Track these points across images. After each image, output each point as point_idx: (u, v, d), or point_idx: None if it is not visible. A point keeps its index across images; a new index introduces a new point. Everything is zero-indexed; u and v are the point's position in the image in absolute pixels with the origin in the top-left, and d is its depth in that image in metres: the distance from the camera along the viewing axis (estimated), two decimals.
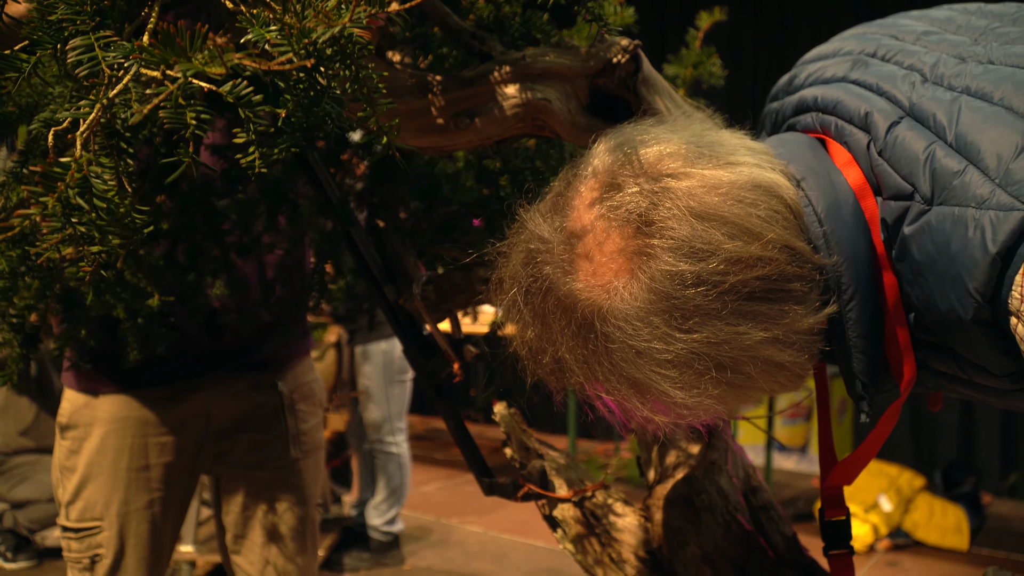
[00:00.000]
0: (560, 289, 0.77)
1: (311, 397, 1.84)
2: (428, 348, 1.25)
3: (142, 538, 1.65)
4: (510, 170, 1.23)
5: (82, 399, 1.66)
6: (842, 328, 0.79)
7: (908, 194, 0.76)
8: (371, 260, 1.27)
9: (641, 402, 0.77)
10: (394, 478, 4.09)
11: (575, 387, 0.82)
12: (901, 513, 4.48)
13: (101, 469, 1.63)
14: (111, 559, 1.63)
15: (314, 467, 1.84)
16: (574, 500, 1.14)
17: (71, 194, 0.61)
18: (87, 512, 1.64)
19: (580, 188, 0.80)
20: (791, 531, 1.12)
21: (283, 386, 1.76)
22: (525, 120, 0.99)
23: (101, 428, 1.64)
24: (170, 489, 1.68)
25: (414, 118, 0.99)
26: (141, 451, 1.65)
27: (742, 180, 0.75)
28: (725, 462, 1.13)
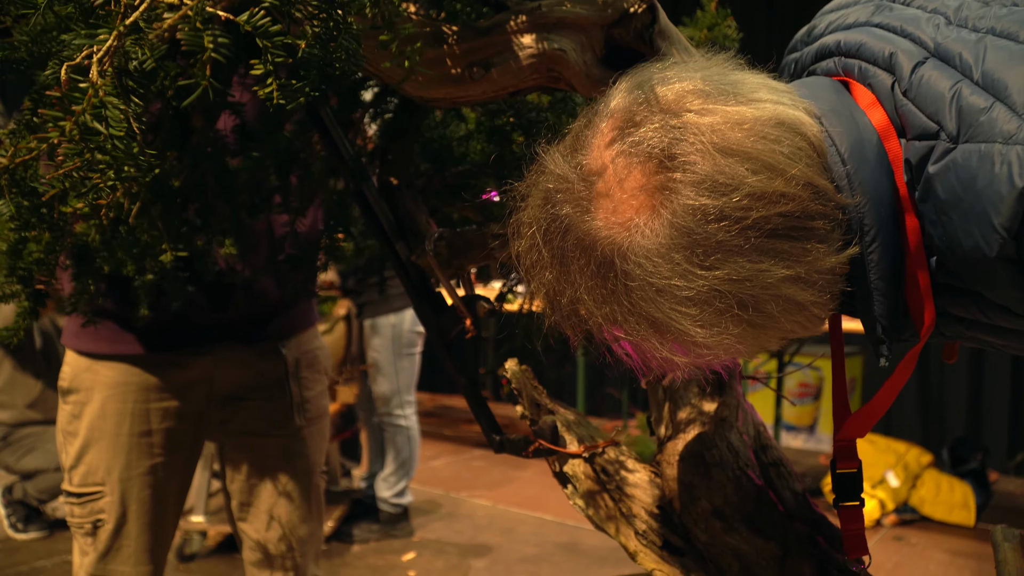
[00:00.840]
0: (579, 228, 0.76)
1: (315, 365, 1.84)
2: (440, 306, 1.25)
3: (144, 503, 1.64)
4: (522, 125, 1.23)
5: (84, 362, 1.65)
6: (863, 270, 0.79)
7: (933, 133, 0.75)
8: (383, 217, 1.27)
9: (660, 342, 0.77)
10: (403, 451, 4.11)
11: (593, 330, 0.81)
12: (908, 489, 4.48)
13: (103, 434, 1.63)
14: (113, 524, 1.63)
15: (319, 435, 1.84)
16: (585, 456, 1.15)
17: (87, 118, 0.60)
18: (89, 477, 1.63)
19: (600, 126, 0.79)
20: (800, 487, 1.12)
21: (287, 353, 1.76)
22: (540, 71, 0.99)
23: (102, 392, 1.63)
24: (173, 455, 1.68)
25: (429, 68, 0.98)
26: (143, 416, 1.64)
27: (765, 116, 0.74)
28: (736, 419, 1.13)
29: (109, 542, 1.62)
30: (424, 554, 3.89)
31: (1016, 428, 5.91)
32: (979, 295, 0.79)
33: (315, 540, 1.85)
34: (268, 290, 1.69)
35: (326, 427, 1.88)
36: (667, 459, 1.12)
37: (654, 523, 1.10)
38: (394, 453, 4.15)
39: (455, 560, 3.83)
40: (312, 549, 1.84)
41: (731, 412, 1.13)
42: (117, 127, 0.64)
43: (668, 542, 1.09)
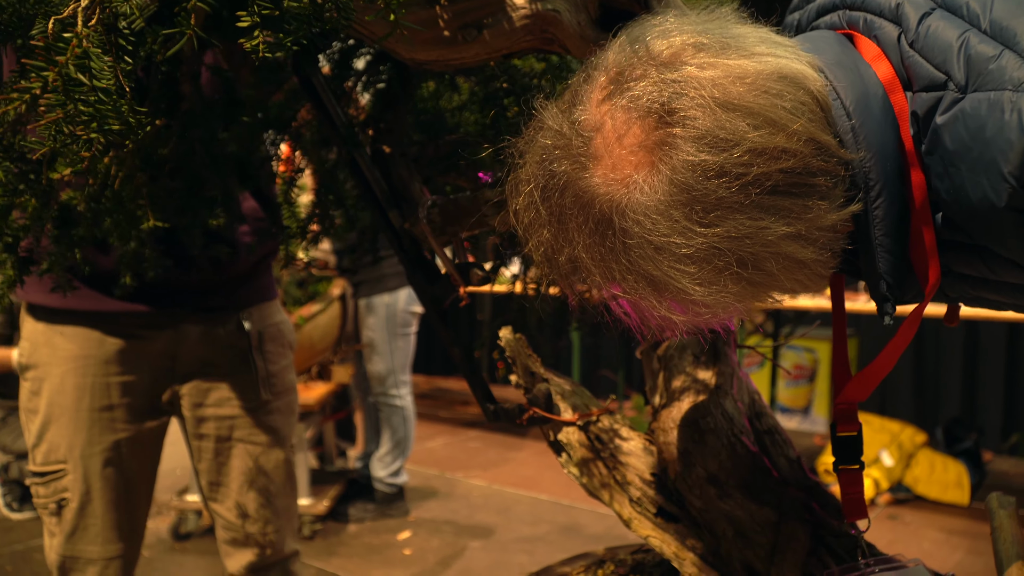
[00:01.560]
0: (577, 185, 0.75)
1: (280, 338, 1.81)
2: (433, 274, 1.24)
3: (109, 480, 1.61)
4: (516, 92, 1.21)
5: (42, 336, 1.61)
6: (867, 227, 0.78)
7: (941, 83, 0.74)
8: (376, 185, 1.25)
9: (658, 301, 0.76)
10: (399, 430, 4.11)
11: (591, 288, 0.81)
12: (902, 468, 4.50)
13: (63, 410, 1.59)
14: (77, 502, 1.59)
15: (286, 409, 1.81)
16: (579, 424, 1.14)
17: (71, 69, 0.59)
18: (51, 455, 1.60)
19: (598, 80, 0.77)
20: (795, 454, 1.12)
21: (250, 326, 1.73)
22: (534, 32, 0.97)
23: (61, 367, 1.59)
24: (136, 430, 1.64)
25: (421, 30, 0.97)
26: (103, 390, 1.60)
27: (768, 71, 0.73)
28: (730, 387, 1.13)
29: (75, 521, 1.59)
30: (420, 533, 3.89)
31: (1010, 409, 5.93)
32: (986, 250, 0.78)
33: (290, 515, 1.83)
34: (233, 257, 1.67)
35: (294, 401, 1.85)
36: (662, 427, 1.11)
37: (648, 490, 1.10)
38: (389, 433, 4.15)
39: (450, 539, 3.84)
40: (287, 524, 1.82)
41: (726, 380, 1.12)
42: (102, 79, 0.63)
43: (662, 509, 1.08)
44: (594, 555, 1.34)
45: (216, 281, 1.68)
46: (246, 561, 1.76)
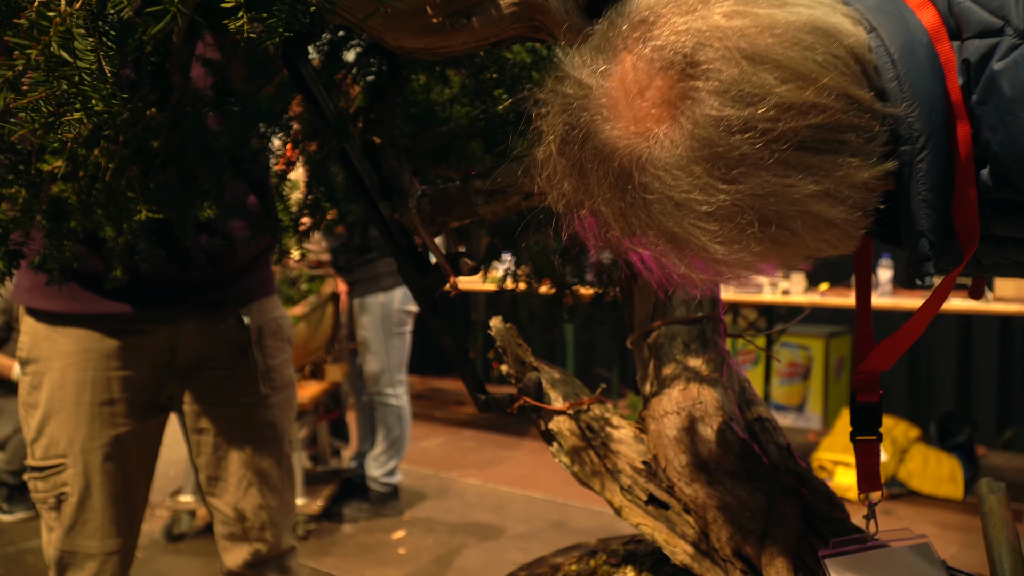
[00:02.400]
0: (598, 137, 0.73)
1: (279, 333, 1.81)
2: (424, 265, 1.24)
3: (109, 475, 1.61)
4: (505, 82, 1.21)
5: (42, 331, 1.62)
6: (909, 181, 0.74)
7: (997, 29, 0.71)
8: (366, 176, 1.25)
9: (679, 258, 0.74)
10: (393, 430, 4.11)
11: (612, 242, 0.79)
12: (896, 463, 4.51)
13: (63, 404, 1.59)
14: (77, 497, 1.59)
15: (285, 404, 1.81)
16: (570, 413, 1.14)
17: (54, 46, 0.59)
18: (51, 449, 1.60)
19: (622, 29, 0.74)
20: (785, 441, 1.12)
21: (249, 321, 1.73)
22: (521, 20, 0.98)
23: (61, 361, 1.59)
24: (136, 425, 1.64)
25: (409, 18, 0.97)
26: (104, 385, 1.60)
27: (800, 22, 0.70)
28: (720, 374, 1.13)
29: (74, 516, 1.59)
30: (414, 532, 3.89)
31: (1004, 404, 5.95)
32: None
33: (287, 510, 1.83)
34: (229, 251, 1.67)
35: (293, 396, 1.85)
36: (652, 414, 1.11)
37: (639, 478, 1.10)
38: (384, 432, 4.15)
39: (445, 538, 3.83)
40: (285, 519, 1.82)
41: (715, 367, 1.13)
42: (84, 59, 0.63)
43: (653, 496, 1.09)
44: (586, 546, 1.34)
45: (214, 276, 1.68)
46: (243, 557, 1.76)
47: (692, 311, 1.17)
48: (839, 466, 4.38)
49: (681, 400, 1.09)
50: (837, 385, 6.62)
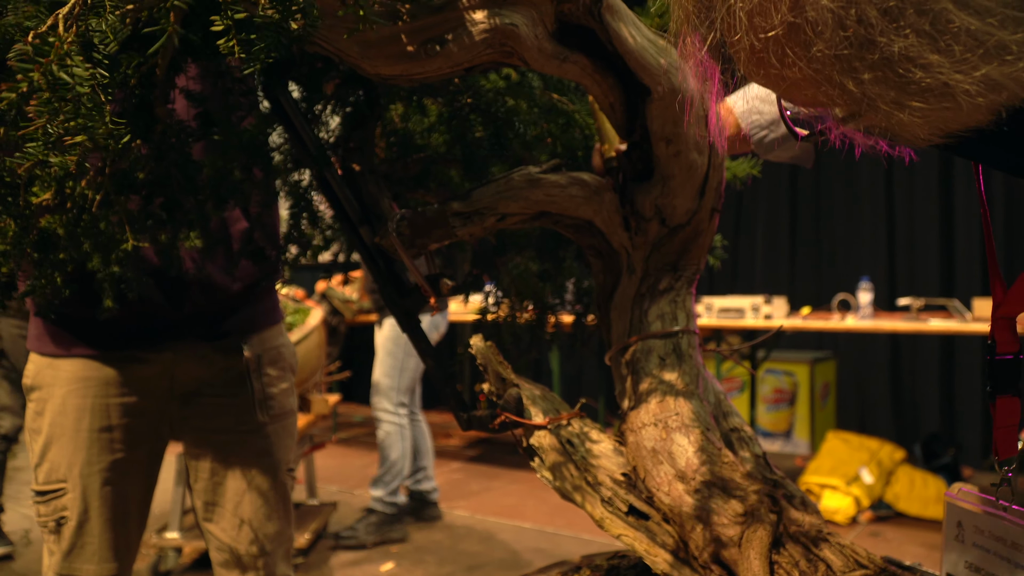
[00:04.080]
0: None
1: (279, 362, 1.83)
2: (404, 287, 1.27)
3: (107, 500, 1.64)
4: (480, 107, 1.25)
5: (45, 360, 1.66)
6: None
7: None
8: (347, 203, 1.28)
9: (939, 57, 0.55)
10: (392, 451, 4.22)
11: (809, 72, 0.59)
12: (883, 485, 4.53)
13: (63, 430, 1.63)
14: (75, 521, 1.62)
15: (284, 432, 1.83)
16: (550, 428, 1.16)
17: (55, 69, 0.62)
18: (52, 474, 1.63)
19: None
20: (761, 450, 1.14)
21: (248, 350, 1.75)
22: (493, 46, 1.01)
23: (63, 388, 1.64)
24: (134, 451, 1.67)
25: (385, 45, 1.00)
26: (103, 411, 1.64)
27: None
28: (696, 386, 1.16)
29: (72, 539, 1.62)
30: (403, 564, 3.87)
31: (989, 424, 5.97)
32: None
33: (283, 539, 1.83)
34: (223, 285, 1.70)
35: (293, 425, 1.86)
36: (630, 427, 1.14)
37: (619, 490, 1.12)
38: (383, 453, 4.24)
39: (433, 568, 3.82)
40: (281, 548, 1.82)
41: (691, 380, 1.15)
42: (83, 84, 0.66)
43: (633, 507, 1.11)
44: (570, 563, 1.36)
45: (211, 308, 1.70)
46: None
47: (667, 326, 1.20)
48: (826, 489, 4.40)
49: (658, 412, 1.12)
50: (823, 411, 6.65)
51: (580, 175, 1.20)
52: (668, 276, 1.25)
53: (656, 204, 1.19)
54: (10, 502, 4.83)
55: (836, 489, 4.36)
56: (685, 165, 1.16)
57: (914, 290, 5.95)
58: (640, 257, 1.24)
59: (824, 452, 4.78)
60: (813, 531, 1.04)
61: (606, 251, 1.27)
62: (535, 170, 1.18)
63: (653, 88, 1.09)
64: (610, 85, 1.12)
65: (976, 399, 6.01)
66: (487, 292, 1.73)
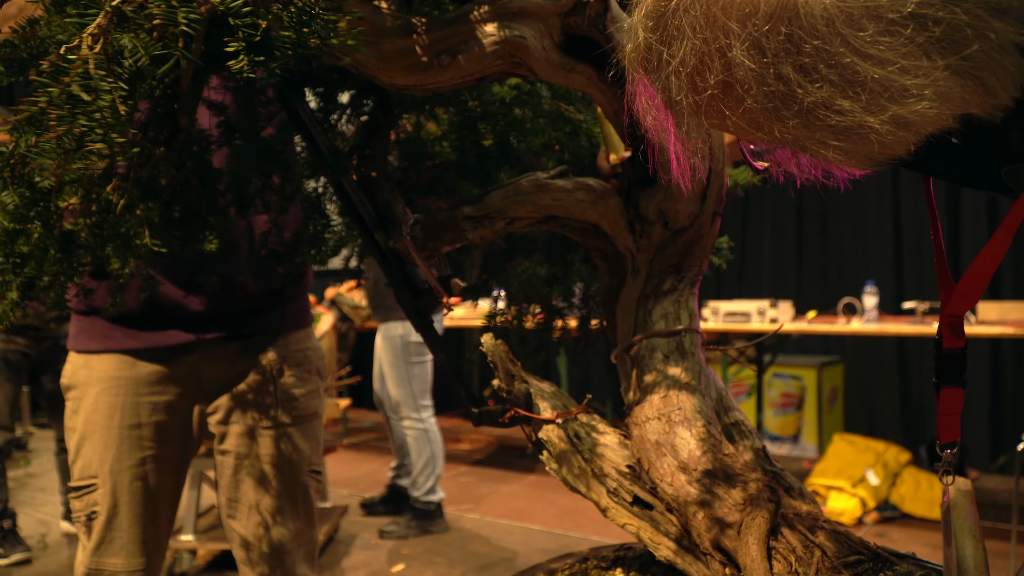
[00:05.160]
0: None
1: (305, 364, 1.87)
2: (417, 288, 1.32)
3: (136, 495, 1.69)
4: (488, 117, 1.30)
5: (81, 359, 1.73)
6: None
7: None
8: (362, 208, 1.34)
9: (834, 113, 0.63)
10: (424, 451, 4.41)
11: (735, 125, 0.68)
12: (888, 487, 4.56)
13: (96, 427, 1.69)
14: (105, 515, 1.68)
15: (307, 434, 1.86)
16: (558, 422, 1.21)
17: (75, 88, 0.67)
18: (85, 470, 1.70)
19: None
20: (761, 443, 1.19)
21: (273, 351, 1.80)
22: (503, 57, 1.07)
23: (96, 387, 1.70)
24: (163, 448, 1.73)
25: (400, 57, 1.06)
26: (133, 409, 1.70)
27: None
28: (698, 382, 1.20)
29: (102, 533, 1.67)
30: (413, 565, 3.92)
31: (996, 430, 6.00)
32: None
33: (304, 539, 1.86)
34: (244, 285, 1.75)
35: (318, 427, 1.90)
36: (635, 421, 1.19)
37: (624, 481, 1.17)
38: (416, 455, 4.41)
39: (444, 570, 3.86)
40: (302, 548, 1.85)
41: (693, 376, 1.20)
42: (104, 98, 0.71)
43: (637, 498, 1.15)
44: (579, 554, 1.41)
45: (234, 308, 1.76)
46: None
47: (670, 325, 1.25)
48: (832, 491, 4.43)
49: (662, 406, 1.17)
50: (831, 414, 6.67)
51: (586, 180, 1.25)
52: (671, 277, 1.29)
53: (659, 208, 1.24)
54: (26, 507, 4.89)
55: (842, 491, 4.40)
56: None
57: (921, 294, 5.97)
58: (644, 259, 1.29)
59: (830, 454, 4.81)
60: (810, 519, 1.09)
61: (612, 253, 1.32)
62: (543, 176, 1.23)
63: None
64: (614, 94, 1.17)
65: (982, 402, 6.03)
66: (496, 297, 1.78)
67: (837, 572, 1.01)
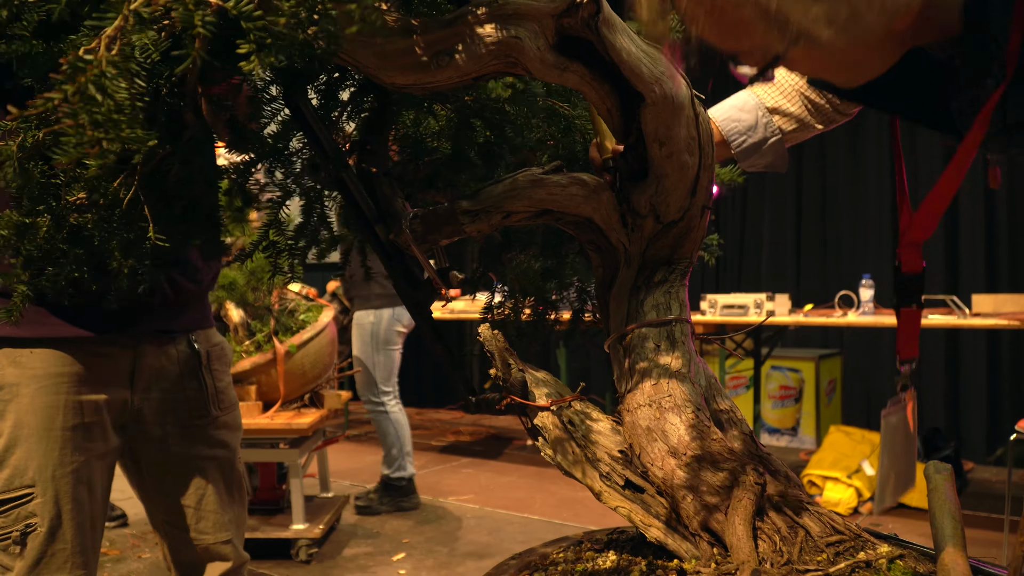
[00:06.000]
0: None
1: (224, 357, 1.94)
2: (415, 280, 1.36)
3: (80, 502, 1.58)
4: (484, 114, 1.34)
5: (5, 357, 1.59)
6: None
7: None
8: (363, 202, 1.38)
9: None
10: (389, 433, 4.70)
11: None
12: None
13: (32, 430, 1.56)
14: (46, 528, 1.54)
15: (233, 423, 1.91)
16: (553, 409, 1.26)
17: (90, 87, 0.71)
18: (16, 479, 1.54)
19: None
20: (748, 429, 1.23)
21: (199, 346, 1.84)
22: (499, 57, 1.10)
23: (31, 386, 1.57)
24: (102, 449, 1.66)
25: (400, 57, 1.09)
26: (76, 409, 1.60)
27: None
28: (688, 370, 1.24)
29: (42, 548, 1.54)
30: (414, 554, 3.97)
31: (993, 422, 6.04)
32: None
33: (239, 523, 1.90)
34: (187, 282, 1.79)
35: (238, 416, 1.95)
36: (627, 407, 1.23)
37: (616, 465, 1.21)
38: (382, 436, 4.70)
39: (444, 559, 3.91)
40: (239, 532, 1.89)
41: (683, 364, 1.24)
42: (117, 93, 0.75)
43: (629, 481, 1.20)
44: (573, 538, 1.45)
45: (170, 303, 1.80)
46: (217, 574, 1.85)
47: (661, 315, 1.29)
48: (828, 481, 4.48)
49: (652, 393, 1.21)
50: (829, 407, 6.72)
51: (580, 176, 1.29)
52: (662, 269, 1.33)
53: (651, 202, 1.28)
54: None
55: (838, 481, 4.44)
56: (677, 165, 1.25)
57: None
58: (636, 251, 1.33)
59: (826, 445, 4.86)
60: (795, 501, 1.13)
61: (605, 246, 1.36)
62: (538, 171, 1.27)
63: (646, 95, 1.18)
64: (607, 92, 1.21)
65: (979, 394, 6.07)
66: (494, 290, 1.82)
67: (819, 551, 1.06)
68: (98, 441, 1.66)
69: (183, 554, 1.84)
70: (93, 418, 1.65)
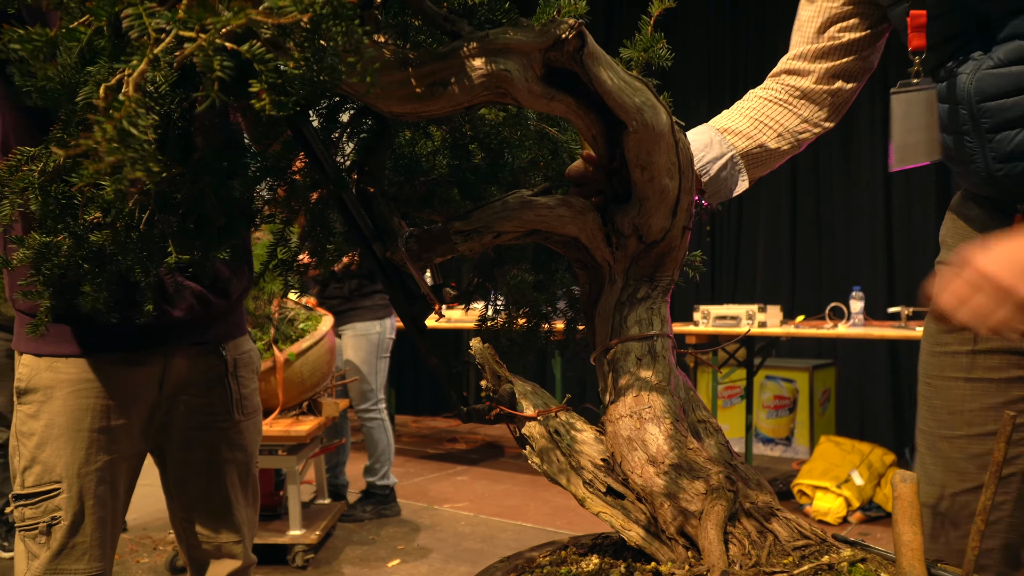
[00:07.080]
0: None
1: (250, 365, 2.03)
2: (411, 295, 1.43)
3: (101, 499, 1.70)
4: (479, 138, 1.42)
5: (43, 362, 1.71)
6: None
7: None
8: (361, 221, 1.45)
9: None
10: (381, 441, 4.81)
11: None
12: (873, 487, 4.67)
13: (62, 430, 1.68)
14: (69, 521, 1.66)
15: (254, 428, 2.02)
16: (539, 419, 1.33)
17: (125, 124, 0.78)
18: (45, 475, 1.67)
19: None
20: (724, 439, 1.30)
21: (227, 354, 1.94)
22: (490, 88, 1.18)
23: (64, 390, 1.70)
24: (127, 451, 1.78)
25: (396, 88, 1.17)
26: (103, 412, 1.71)
27: None
28: (668, 383, 1.32)
29: (64, 540, 1.67)
30: (408, 561, 4.03)
31: None
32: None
33: (252, 525, 2.01)
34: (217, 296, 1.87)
35: (260, 422, 2.05)
36: (609, 418, 1.30)
37: (599, 473, 1.28)
38: (373, 445, 4.78)
39: (439, 565, 3.97)
40: (250, 533, 1.99)
41: (664, 378, 1.31)
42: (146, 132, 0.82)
43: (611, 488, 1.27)
44: (559, 543, 1.52)
45: (201, 318, 1.88)
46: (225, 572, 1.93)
47: (644, 330, 1.36)
48: (818, 491, 4.54)
49: (634, 405, 1.28)
50: (823, 417, 6.79)
51: (568, 198, 1.36)
52: (645, 286, 1.41)
53: (634, 223, 1.36)
54: None
55: (827, 491, 4.51)
56: (658, 189, 1.32)
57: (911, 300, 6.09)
58: (620, 269, 1.40)
59: (817, 455, 4.92)
60: (766, 508, 1.20)
61: (591, 264, 1.43)
62: (527, 193, 1.34)
63: (628, 123, 1.25)
64: (592, 120, 1.28)
65: None
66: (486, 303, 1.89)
67: (786, 554, 1.13)
68: (123, 443, 1.77)
69: (197, 551, 1.94)
70: (120, 421, 1.76)
